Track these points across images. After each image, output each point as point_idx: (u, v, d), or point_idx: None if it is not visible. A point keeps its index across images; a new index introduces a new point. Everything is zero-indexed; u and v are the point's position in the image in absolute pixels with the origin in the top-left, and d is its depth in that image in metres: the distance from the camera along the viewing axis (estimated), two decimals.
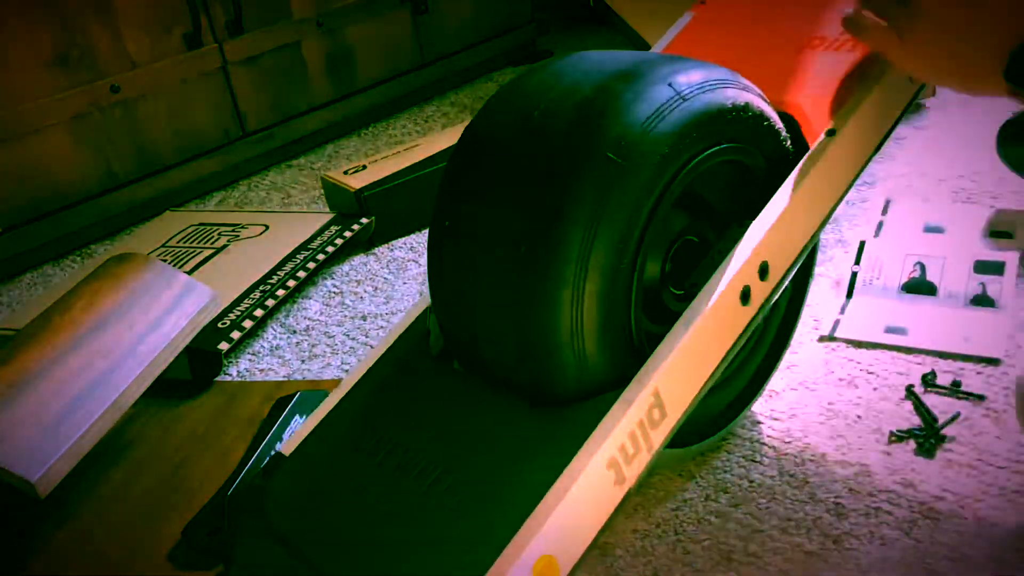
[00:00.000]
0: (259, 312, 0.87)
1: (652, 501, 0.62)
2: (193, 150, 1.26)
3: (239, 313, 0.87)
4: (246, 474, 0.66)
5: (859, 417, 0.67)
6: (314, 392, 0.76)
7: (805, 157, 0.54)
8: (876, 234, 0.89)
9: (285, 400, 0.73)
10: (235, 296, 0.90)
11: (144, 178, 1.22)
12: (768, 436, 0.66)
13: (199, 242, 1.06)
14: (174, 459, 0.72)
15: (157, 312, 0.72)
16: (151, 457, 0.73)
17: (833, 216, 0.56)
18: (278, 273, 0.94)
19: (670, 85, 0.49)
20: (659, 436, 0.48)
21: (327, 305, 0.95)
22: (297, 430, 0.56)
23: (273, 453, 0.55)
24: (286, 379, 0.82)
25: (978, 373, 0.69)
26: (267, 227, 1.07)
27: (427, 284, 0.54)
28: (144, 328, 0.71)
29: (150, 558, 0.62)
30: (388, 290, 0.96)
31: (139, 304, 0.72)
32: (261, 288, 0.92)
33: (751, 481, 0.63)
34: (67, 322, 0.69)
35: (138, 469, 0.72)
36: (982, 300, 0.77)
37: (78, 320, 0.69)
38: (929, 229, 0.89)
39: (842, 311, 0.79)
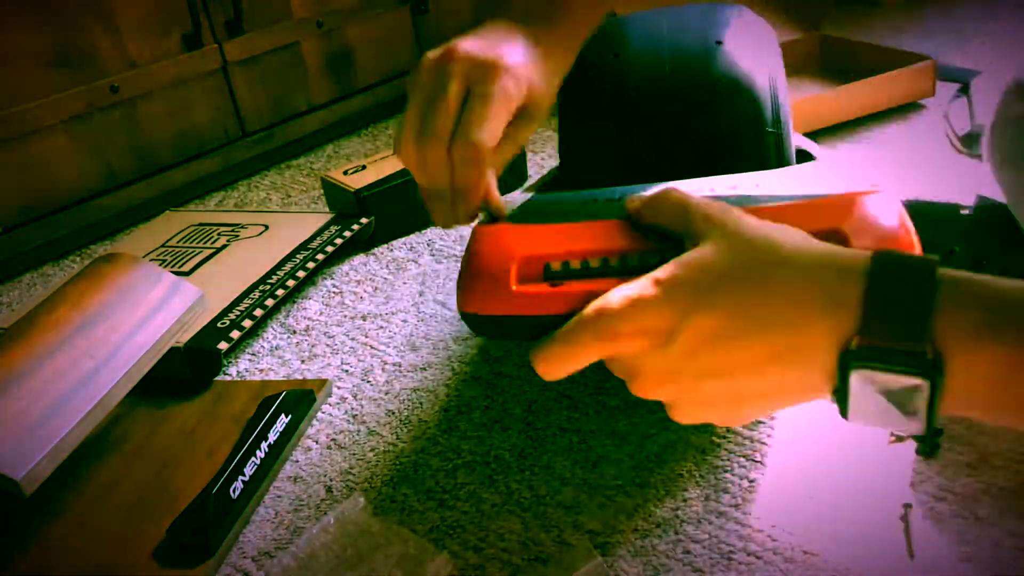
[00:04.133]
0: (259, 312, 0.87)
1: (652, 501, 0.62)
2: (193, 150, 1.26)
3: (239, 313, 0.87)
4: (232, 469, 0.66)
5: None
6: (300, 391, 0.76)
7: None
8: None
9: (271, 399, 0.74)
10: (235, 296, 0.90)
11: (143, 178, 1.22)
12: (768, 436, 0.66)
13: (199, 242, 1.06)
14: (161, 458, 0.72)
15: (143, 312, 0.72)
16: (138, 456, 0.73)
17: None
18: (278, 273, 0.94)
19: None
20: None
21: (327, 305, 0.95)
22: None
23: None
24: (285, 378, 0.83)
25: None
26: (267, 227, 1.07)
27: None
28: (130, 328, 0.71)
29: (135, 556, 0.62)
30: (388, 290, 0.96)
31: (125, 304, 0.72)
32: (261, 288, 0.91)
33: (751, 481, 0.62)
34: (52, 322, 0.68)
35: (124, 468, 0.72)
36: None
37: (64, 320, 0.69)
38: None
39: None
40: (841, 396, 0.39)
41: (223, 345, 0.81)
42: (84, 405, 0.64)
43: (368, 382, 0.80)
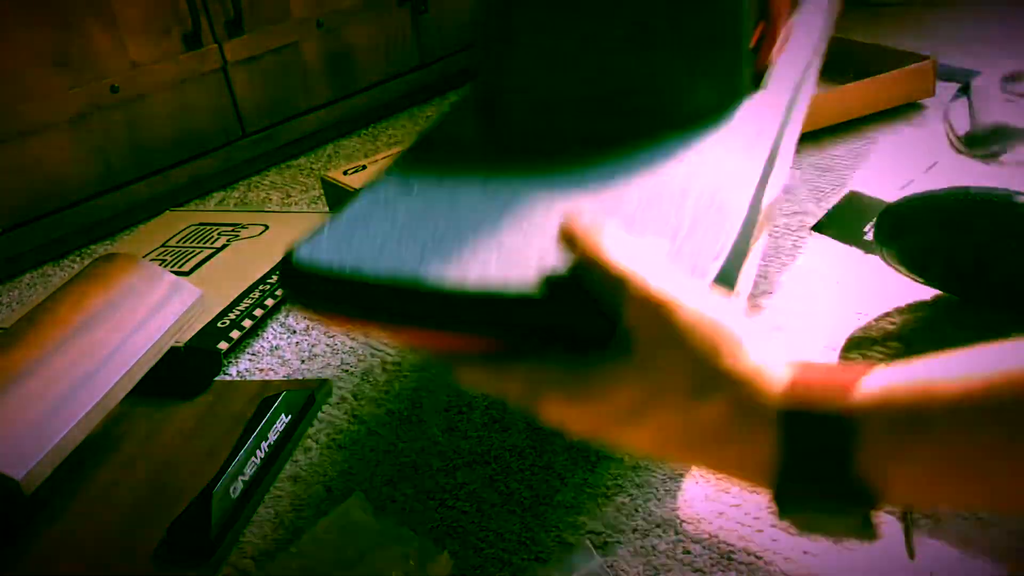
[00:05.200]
0: (259, 312, 0.87)
1: (652, 501, 0.62)
2: (193, 150, 1.26)
3: (239, 313, 0.87)
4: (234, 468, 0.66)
5: None
6: (299, 391, 0.76)
7: None
8: None
9: (271, 399, 0.74)
10: (235, 296, 0.90)
11: (144, 178, 1.22)
12: None
13: (199, 242, 1.06)
14: (160, 458, 0.72)
15: (143, 312, 0.72)
16: (137, 456, 0.73)
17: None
18: (278, 273, 0.94)
19: None
20: None
21: None
22: None
23: None
24: (285, 378, 0.82)
25: None
26: (267, 227, 1.07)
27: None
28: (130, 328, 0.71)
29: (134, 557, 0.63)
30: None
31: (125, 304, 0.72)
32: (261, 288, 0.92)
33: None
34: (53, 322, 0.69)
35: (124, 468, 0.72)
36: None
37: (64, 320, 0.69)
38: None
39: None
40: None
41: (223, 345, 0.81)
42: (84, 405, 0.65)
43: (368, 382, 0.80)
